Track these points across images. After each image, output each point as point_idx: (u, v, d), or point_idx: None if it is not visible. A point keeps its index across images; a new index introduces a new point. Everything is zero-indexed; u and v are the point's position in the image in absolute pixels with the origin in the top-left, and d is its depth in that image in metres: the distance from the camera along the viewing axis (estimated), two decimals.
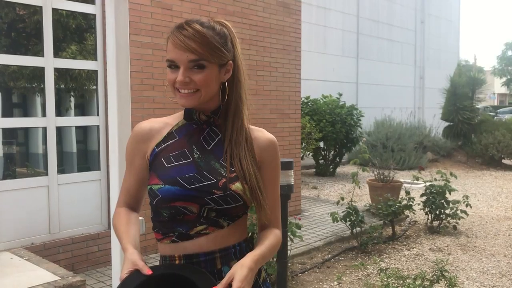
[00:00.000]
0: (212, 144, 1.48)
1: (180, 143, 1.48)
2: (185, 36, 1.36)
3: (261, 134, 1.53)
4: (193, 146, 1.47)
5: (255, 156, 1.48)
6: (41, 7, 4.61)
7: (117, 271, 2.48)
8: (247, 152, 1.46)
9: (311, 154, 11.12)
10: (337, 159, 11.59)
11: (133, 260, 1.33)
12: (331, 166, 11.58)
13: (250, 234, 3.79)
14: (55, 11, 4.72)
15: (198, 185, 1.40)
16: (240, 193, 1.40)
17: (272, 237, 1.49)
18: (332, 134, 10.58)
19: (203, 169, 1.43)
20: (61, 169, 4.91)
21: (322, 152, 11.40)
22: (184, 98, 1.41)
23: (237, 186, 1.41)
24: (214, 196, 1.39)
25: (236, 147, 1.45)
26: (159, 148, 1.48)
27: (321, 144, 10.89)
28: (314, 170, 11.81)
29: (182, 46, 1.36)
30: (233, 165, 1.43)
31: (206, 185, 1.40)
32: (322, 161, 11.53)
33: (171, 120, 1.54)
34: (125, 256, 1.36)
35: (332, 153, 11.48)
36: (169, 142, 1.48)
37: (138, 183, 1.52)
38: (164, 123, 1.53)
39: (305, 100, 10.94)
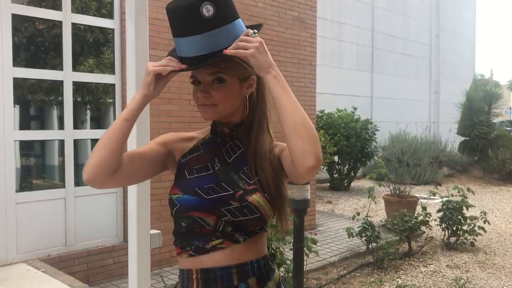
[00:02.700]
0: (233, 157, 1.49)
1: (204, 156, 1.50)
2: None
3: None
4: (215, 159, 1.49)
5: (278, 168, 1.45)
6: (60, 22, 4.68)
7: (134, 284, 2.47)
8: (270, 165, 1.44)
9: (325, 168, 11.08)
10: (352, 173, 11.53)
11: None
12: (345, 181, 11.52)
13: (270, 250, 3.75)
14: (73, 25, 4.79)
15: (215, 195, 1.41)
16: (257, 205, 1.39)
17: None
18: (347, 148, 10.53)
19: (222, 181, 1.44)
20: (77, 181, 4.94)
21: (337, 166, 11.34)
22: (203, 112, 1.45)
23: (254, 198, 1.40)
24: (230, 207, 1.39)
25: (259, 161, 1.44)
26: (184, 160, 1.50)
27: (336, 158, 10.83)
28: (328, 184, 11.75)
29: None
30: (253, 178, 1.42)
31: (223, 196, 1.40)
32: (337, 175, 11.48)
33: (199, 134, 1.57)
34: (143, 82, 1.38)
35: (347, 167, 11.42)
36: (193, 154, 1.50)
37: (142, 154, 1.46)
38: (191, 137, 1.56)
39: (320, 114, 10.93)
